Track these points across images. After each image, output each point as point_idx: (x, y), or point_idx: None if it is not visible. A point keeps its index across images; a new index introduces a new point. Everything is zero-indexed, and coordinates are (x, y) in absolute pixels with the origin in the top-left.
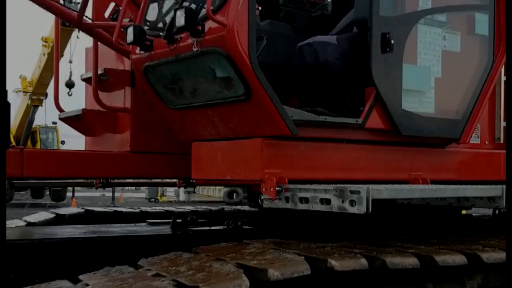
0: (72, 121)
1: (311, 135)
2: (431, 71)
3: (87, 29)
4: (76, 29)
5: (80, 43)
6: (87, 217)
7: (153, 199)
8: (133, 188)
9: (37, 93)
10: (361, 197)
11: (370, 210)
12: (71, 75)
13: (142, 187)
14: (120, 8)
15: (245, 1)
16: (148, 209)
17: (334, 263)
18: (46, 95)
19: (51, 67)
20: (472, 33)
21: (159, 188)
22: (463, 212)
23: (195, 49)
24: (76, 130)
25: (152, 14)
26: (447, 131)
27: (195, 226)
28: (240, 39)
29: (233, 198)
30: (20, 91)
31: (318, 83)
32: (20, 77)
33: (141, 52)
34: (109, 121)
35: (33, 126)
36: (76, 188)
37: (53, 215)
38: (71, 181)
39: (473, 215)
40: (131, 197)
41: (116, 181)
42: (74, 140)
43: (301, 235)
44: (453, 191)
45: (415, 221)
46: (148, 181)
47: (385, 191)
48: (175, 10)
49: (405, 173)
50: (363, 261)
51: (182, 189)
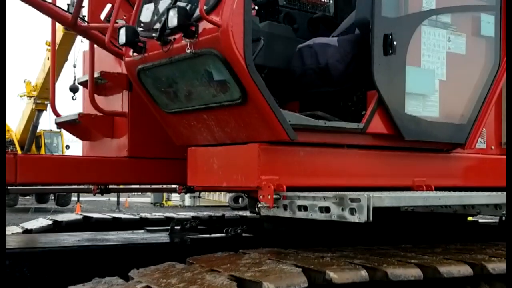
0: (69, 125)
1: (310, 140)
2: (435, 73)
3: (82, 31)
4: None
5: (84, 47)
6: (85, 224)
7: (158, 204)
8: (139, 193)
9: (41, 97)
10: (362, 206)
11: (371, 219)
12: (75, 80)
13: (148, 192)
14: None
15: (240, 0)
16: (148, 215)
17: (333, 275)
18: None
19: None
20: (477, 34)
21: (164, 193)
22: (470, 218)
23: (188, 51)
24: (73, 135)
25: (146, 15)
26: (452, 136)
27: (193, 234)
28: (235, 40)
29: (238, 203)
30: (24, 96)
31: (318, 86)
32: (24, 81)
33: (134, 54)
34: (106, 125)
35: (38, 130)
36: (81, 193)
37: (50, 222)
38: (67, 187)
39: (480, 221)
40: (137, 201)
41: (115, 187)
42: (79, 145)
43: (302, 243)
44: (458, 199)
45: (419, 227)
46: (148, 186)
47: (386, 199)
48: (167, 10)
49: (408, 179)
50: (363, 273)
51: (187, 194)
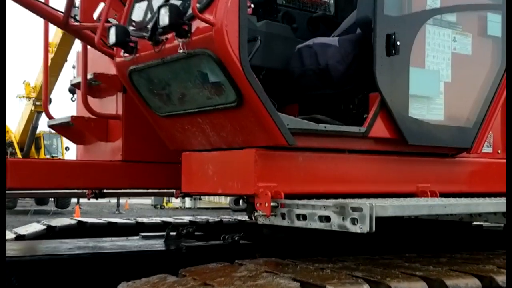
0: (62, 128)
1: (310, 145)
2: (440, 75)
3: (74, 31)
4: None
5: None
6: (79, 229)
7: (158, 206)
8: None
9: (40, 98)
10: (364, 215)
11: (374, 229)
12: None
13: (144, 196)
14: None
15: None
16: (145, 220)
17: None
18: (50, 101)
19: (54, 72)
20: (484, 34)
21: None
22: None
23: (181, 51)
24: (67, 138)
25: (138, 13)
26: (458, 139)
27: (189, 241)
28: (230, 40)
29: (239, 204)
30: (23, 97)
31: (318, 88)
32: (23, 82)
33: (125, 54)
34: (100, 128)
35: (37, 132)
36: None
37: (44, 227)
38: (61, 191)
39: (484, 225)
40: (137, 203)
41: (110, 191)
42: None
43: (301, 250)
44: (464, 207)
45: (423, 233)
46: (145, 191)
47: (390, 208)
48: (158, 8)
49: (412, 185)
50: (365, 287)
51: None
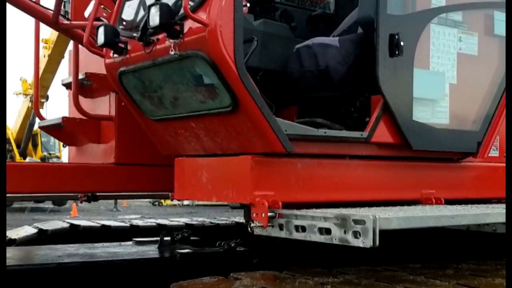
0: (53, 130)
1: (309, 151)
2: (446, 76)
3: (64, 30)
4: None
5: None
6: (72, 233)
7: (156, 203)
8: None
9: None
10: (366, 228)
11: (377, 243)
12: None
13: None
14: (102, 7)
15: None
16: (140, 223)
17: None
18: (47, 98)
19: (52, 69)
20: (491, 34)
21: None
22: None
23: (172, 53)
24: (58, 140)
25: (128, 12)
26: (464, 144)
27: (184, 247)
28: (224, 41)
29: None
30: (20, 94)
31: (317, 90)
32: (20, 79)
33: (115, 55)
34: (92, 130)
35: (34, 129)
36: None
37: (35, 231)
38: (52, 194)
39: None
40: (135, 200)
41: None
42: None
43: (300, 258)
44: (473, 218)
45: (427, 240)
46: (139, 193)
47: (394, 221)
48: (149, 7)
49: (416, 191)
50: None
51: None
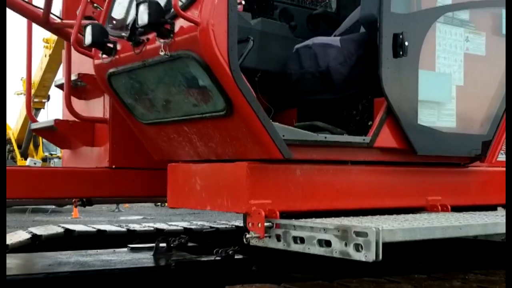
0: (45, 133)
1: (308, 157)
2: (452, 78)
3: (55, 30)
4: None
5: None
6: (66, 238)
7: (159, 204)
8: None
9: (39, 95)
10: (369, 241)
11: (380, 257)
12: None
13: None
14: (95, 5)
15: None
16: (137, 227)
17: None
18: (48, 98)
19: (53, 68)
20: (499, 33)
21: None
22: None
23: (162, 53)
24: (52, 143)
25: (118, 10)
26: (471, 148)
27: (180, 255)
28: (217, 41)
29: None
30: (21, 94)
31: (318, 92)
32: (21, 79)
33: (104, 56)
34: (86, 132)
35: None
36: None
37: (29, 236)
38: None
39: None
40: None
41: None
42: None
43: (300, 266)
44: (481, 228)
45: (433, 249)
46: (135, 198)
47: (399, 233)
48: (137, 5)
49: (421, 198)
50: None
51: None
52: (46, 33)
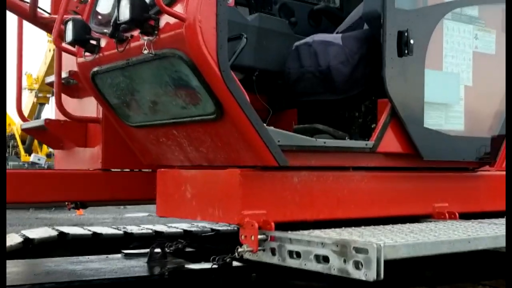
0: (36, 132)
1: (306, 163)
2: (460, 78)
3: (43, 25)
4: None
5: None
6: (60, 242)
7: None
8: None
9: (43, 90)
10: (369, 259)
11: (382, 276)
12: None
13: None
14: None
15: None
16: (134, 230)
17: None
18: (52, 93)
19: None
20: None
21: None
22: None
23: (145, 52)
24: (44, 143)
25: (104, 4)
26: (480, 152)
27: (176, 262)
28: (205, 38)
29: None
30: (25, 89)
31: (318, 93)
32: (25, 74)
33: (87, 54)
34: (78, 133)
35: None
36: None
37: (21, 240)
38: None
39: None
40: None
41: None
42: None
43: (303, 275)
44: (491, 241)
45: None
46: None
47: (402, 249)
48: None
49: (427, 205)
50: None
51: None
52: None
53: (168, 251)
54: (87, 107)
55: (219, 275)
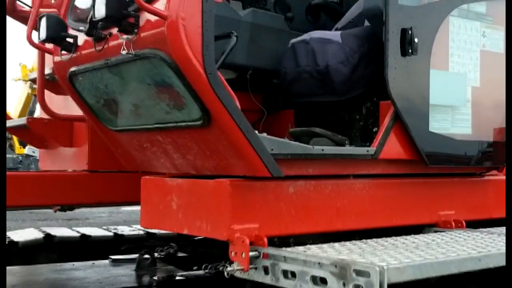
0: (19, 131)
1: (303, 172)
2: (467, 78)
3: (24, 19)
4: None
5: None
6: (46, 245)
7: None
8: None
9: None
10: (371, 283)
11: None
12: None
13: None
14: None
15: None
16: (125, 231)
17: None
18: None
19: None
20: None
21: None
22: None
23: (124, 52)
24: (27, 142)
25: None
26: (488, 157)
27: (165, 268)
28: (189, 38)
29: None
30: (19, 80)
31: (316, 94)
32: (20, 64)
33: (63, 52)
34: (63, 132)
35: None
36: None
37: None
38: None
39: None
40: None
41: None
42: None
43: None
44: (503, 258)
45: None
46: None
47: (408, 270)
48: None
49: (433, 214)
50: None
51: None
52: None
53: (159, 256)
54: (74, 104)
55: (211, 284)
